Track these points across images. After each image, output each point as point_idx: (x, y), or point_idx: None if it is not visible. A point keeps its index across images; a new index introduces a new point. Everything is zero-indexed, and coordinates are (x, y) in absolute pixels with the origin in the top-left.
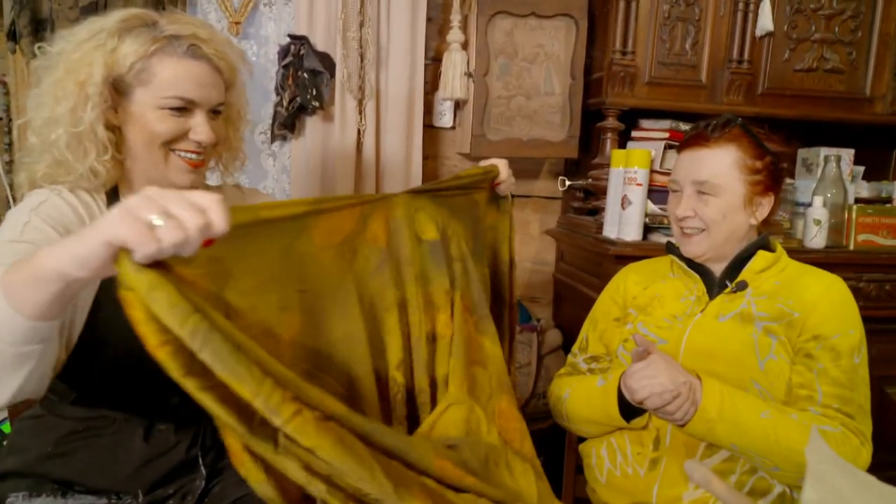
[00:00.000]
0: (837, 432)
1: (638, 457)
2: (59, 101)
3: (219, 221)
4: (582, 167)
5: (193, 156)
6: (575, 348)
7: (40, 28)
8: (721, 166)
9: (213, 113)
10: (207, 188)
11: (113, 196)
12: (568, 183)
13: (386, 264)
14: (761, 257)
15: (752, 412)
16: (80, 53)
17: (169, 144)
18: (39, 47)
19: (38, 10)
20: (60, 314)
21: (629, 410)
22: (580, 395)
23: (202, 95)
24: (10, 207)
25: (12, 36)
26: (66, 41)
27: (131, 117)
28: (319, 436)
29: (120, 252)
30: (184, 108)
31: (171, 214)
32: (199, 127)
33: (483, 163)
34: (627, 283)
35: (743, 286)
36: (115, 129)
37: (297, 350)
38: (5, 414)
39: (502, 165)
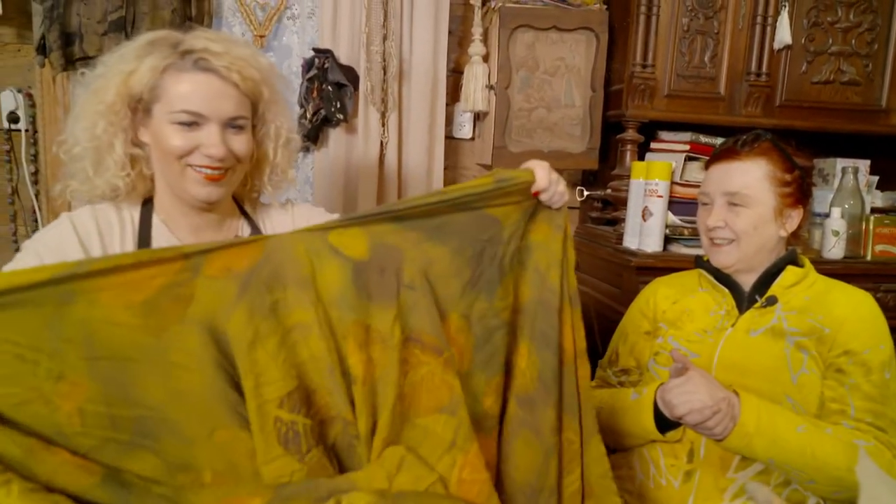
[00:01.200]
0: (871, 446)
1: (672, 469)
2: (80, 120)
3: None
4: (600, 178)
5: (208, 170)
6: (603, 361)
7: (69, 42)
8: (752, 178)
9: (234, 127)
10: (255, 206)
11: (147, 207)
12: (586, 193)
13: (248, 293)
14: (791, 273)
15: (788, 427)
16: (106, 76)
17: (184, 158)
18: (82, 73)
19: (67, 24)
20: None
21: (664, 424)
22: (613, 409)
23: (211, 108)
24: (35, 216)
25: (42, 50)
26: (104, 65)
27: (152, 134)
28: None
29: None
30: (194, 123)
31: None
32: (209, 140)
33: (523, 166)
34: (657, 297)
35: (773, 301)
36: (146, 146)
37: (94, 418)
38: None
39: (541, 169)
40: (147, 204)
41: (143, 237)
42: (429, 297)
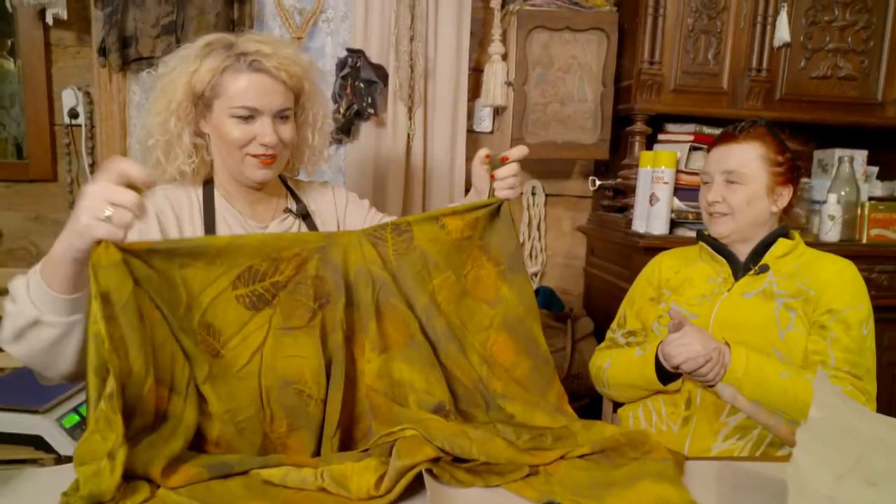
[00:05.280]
0: (847, 391)
1: (671, 415)
2: (153, 115)
3: (139, 176)
4: (611, 168)
5: (263, 157)
6: (613, 325)
7: (126, 44)
8: (747, 158)
9: (281, 118)
10: (296, 184)
11: (208, 187)
12: (598, 182)
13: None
14: (782, 244)
15: (773, 373)
16: (171, 76)
17: (243, 148)
18: (148, 72)
19: (124, 28)
20: (83, 286)
21: (665, 376)
22: (620, 364)
23: (264, 103)
24: None
25: (102, 51)
26: (165, 66)
27: (214, 126)
28: None
29: (94, 245)
30: (250, 116)
31: (115, 203)
32: (263, 130)
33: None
34: (661, 267)
35: (765, 269)
36: (206, 135)
37: None
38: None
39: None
40: (208, 184)
41: (209, 211)
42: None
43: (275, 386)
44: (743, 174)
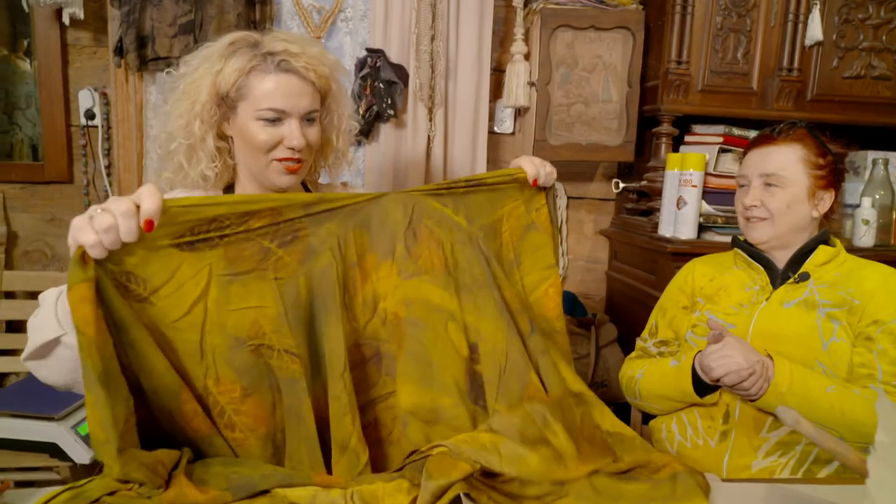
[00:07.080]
0: None
1: (708, 430)
2: (176, 118)
3: (148, 203)
4: (634, 170)
5: (290, 162)
6: (644, 334)
7: (143, 44)
8: (788, 160)
9: (308, 120)
10: (317, 186)
11: (228, 191)
12: (622, 185)
13: None
14: (823, 251)
15: (819, 387)
16: (194, 76)
17: (270, 153)
18: (168, 72)
19: (141, 27)
20: None
21: (702, 388)
22: (654, 375)
23: (291, 105)
24: None
25: (119, 51)
26: (187, 65)
27: (238, 128)
28: None
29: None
30: (277, 119)
31: (105, 208)
32: (292, 133)
33: (513, 163)
34: (695, 274)
35: (805, 277)
36: (229, 139)
37: None
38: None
39: (528, 164)
40: (228, 189)
41: None
42: None
43: (223, 345)
44: (783, 177)
